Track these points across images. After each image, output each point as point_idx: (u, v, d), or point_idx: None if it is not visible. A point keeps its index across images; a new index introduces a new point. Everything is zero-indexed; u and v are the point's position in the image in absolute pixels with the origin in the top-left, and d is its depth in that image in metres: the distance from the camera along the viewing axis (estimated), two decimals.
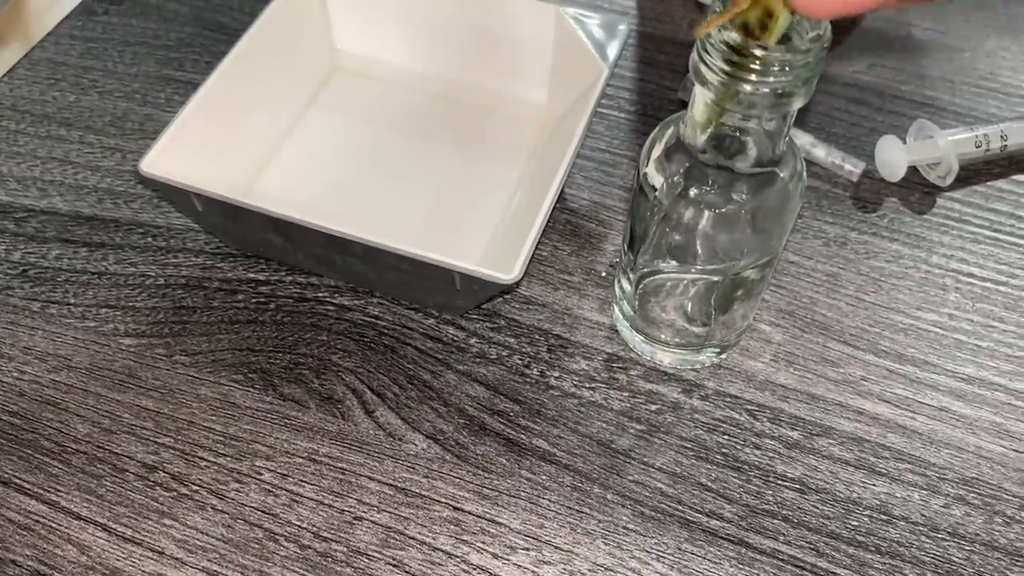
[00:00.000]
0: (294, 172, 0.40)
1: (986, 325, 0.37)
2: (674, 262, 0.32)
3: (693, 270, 0.32)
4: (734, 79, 0.25)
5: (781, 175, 0.29)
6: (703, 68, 0.25)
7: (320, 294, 0.37)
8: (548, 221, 0.39)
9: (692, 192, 0.29)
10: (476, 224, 0.39)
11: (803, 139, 0.41)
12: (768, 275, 0.33)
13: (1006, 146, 0.41)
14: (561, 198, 0.41)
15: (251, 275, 0.38)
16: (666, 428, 0.34)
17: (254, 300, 0.37)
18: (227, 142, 0.38)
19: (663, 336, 0.35)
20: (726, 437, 0.34)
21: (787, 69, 0.25)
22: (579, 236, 0.39)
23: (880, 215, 0.40)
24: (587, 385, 0.35)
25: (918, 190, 0.41)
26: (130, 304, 0.37)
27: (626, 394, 0.35)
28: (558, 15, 0.40)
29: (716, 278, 0.32)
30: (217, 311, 0.37)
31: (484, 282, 0.32)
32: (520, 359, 0.36)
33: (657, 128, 0.31)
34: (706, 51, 0.25)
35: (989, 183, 0.42)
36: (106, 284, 0.38)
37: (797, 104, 0.26)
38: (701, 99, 0.27)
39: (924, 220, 0.40)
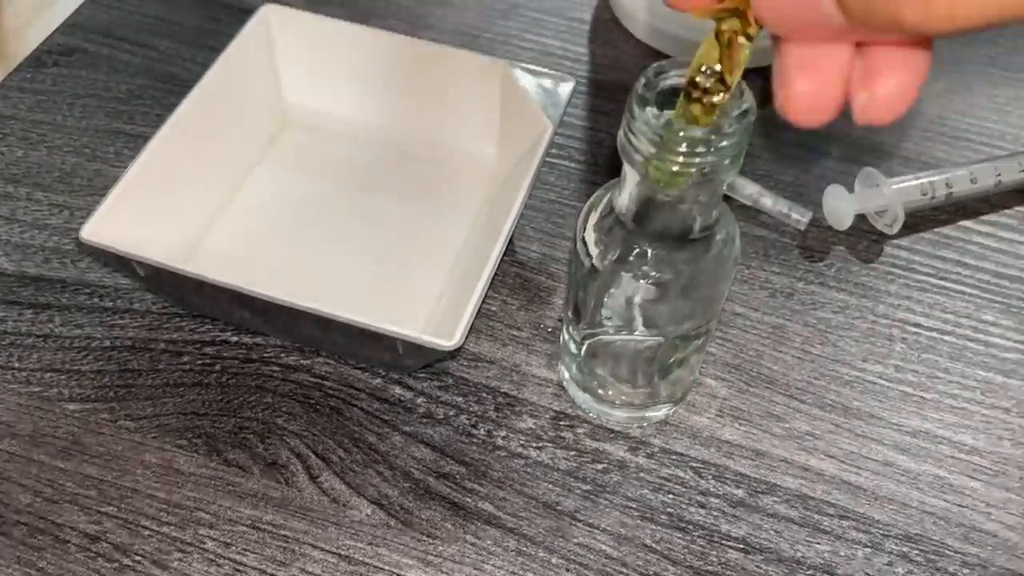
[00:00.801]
0: (242, 229, 0.40)
1: (931, 376, 0.37)
2: (613, 328, 0.32)
3: (633, 334, 0.32)
4: (660, 160, 0.25)
5: (715, 241, 0.29)
6: (629, 148, 0.26)
7: (266, 355, 0.37)
8: (497, 275, 0.39)
9: (627, 262, 0.29)
10: (425, 281, 0.39)
11: (750, 189, 0.42)
12: (710, 335, 0.33)
13: (952, 193, 0.41)
14: (511, 250, 0.41)
15: (197, 336, 0.38)
16: (612, 488, 0.34)
17: (200, 362, 0.37)
18: (173, 201, 0.38)
19: (609, 394, 0.35)
20: (671, 496, 0.34)
21: (713, 149, 0.25)
22: (528, 290, 0.39)
23: (827, 264, 0.41)
24: (534, 444, 0.35)
25: (866, 238, 0.41)
26: (75, 368, 0.37)
27: (572, 453, 0.35)
28: (505, 72, 0.40)
29: (657, 340, 0.32)
30: (163, 374, 0.37)
31: (426, 348, 0.32)
32: (467, 419, 0.36)
33: (594, 195, 0.31)
34: (631, 132, 0.25)
35: (936, 230, 0.42)
36: (51, 347, 0.37)
37: (726, 179, 0.26)
38: (630, 175, 0.27)
39: (871, 269, 0.41)
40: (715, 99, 0.23)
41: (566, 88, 0.39)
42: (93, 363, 0.37)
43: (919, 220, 0.42)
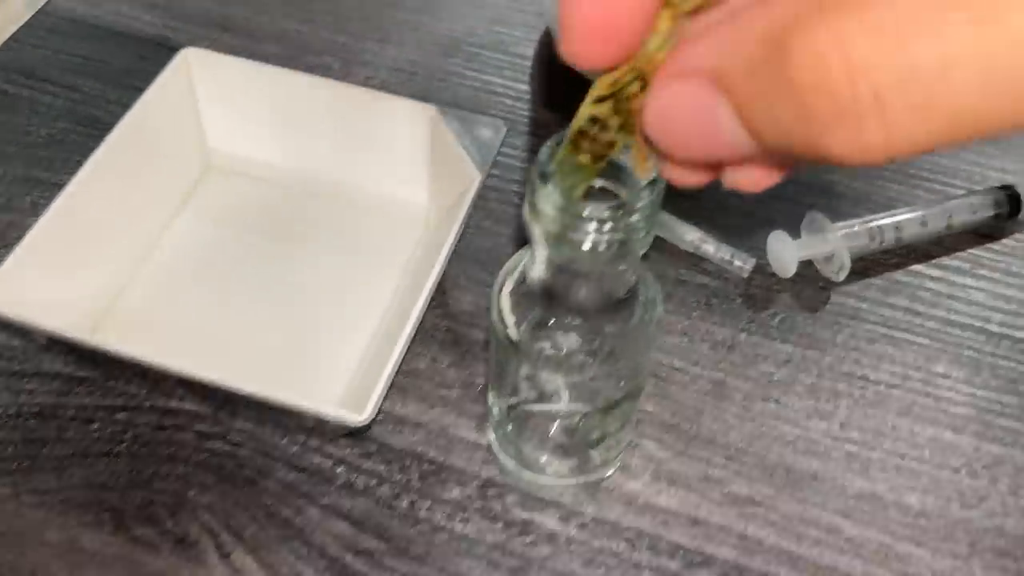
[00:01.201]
0: (161, 284, 0.38)
1: (877, 434, 0.36)
2: (536, 398, 0.30)
3: (557, 406, 0.30)
4: (564, 239, 0.23)
5: (636, 306, 0.28)
6: (534, 225, 0.24)
7: (180, 421, 0.35)
8: (427, 329, 0.38)
9: (544, 333, 0.28)
10: (351, 339, 0.37)
11: (691, 235, 0.40)
12: (637, 402, 0.31)
13: (901, 238, 0.40)
14: (442, 302, 0.39)
15: (108, 401, 0.36)
16: (540, 563, 0.32)
17: (110, 430, 0.35)
18: (85, 257, 0.36)
19: (539, 461, 0.33)
20: (603, 570, 0.32)
21: (623, 224, 0.23)
22: (459, 345, 0.38)
23: (772, 313, 0.39)
24: (459, 516, 0.33)
25: (812, 285, 0.40)
26: None
27: (500, 525, 0.33)
28: (434, 117, 0.38)
29: (584, 410, 0.30)
30: (71, 443, 0.35)
31: (335, 423, 0.30)
32: (389, 489, 0.34)
33: (510, 261, 0.29)
34: (535, 208, 0.24)
35: (886, 275, 0.40)
36: None
37: (641, 250, 0.24)
38: (539, 251, 0.26)
39: (817, 318, 0.39)
40: (607, 140, 0.21)
41: (497, 134, 0.38)
42: None
43: (868, 264, 0.40)
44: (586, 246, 0.23)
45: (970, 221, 0.41)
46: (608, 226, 0.23)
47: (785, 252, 0.39)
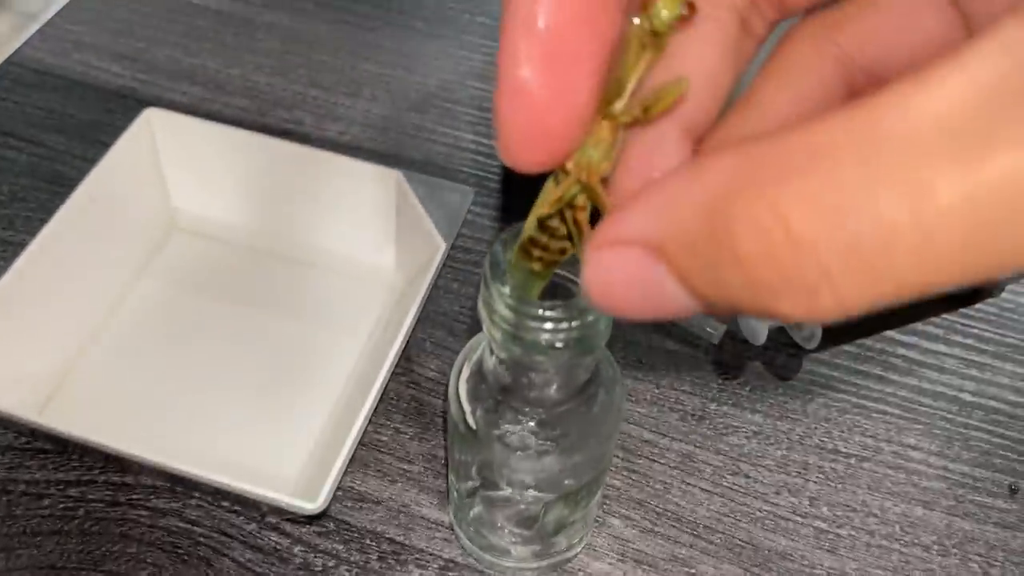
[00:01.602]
0: (116, 356, 0.37)
1: (848, 510, 0.35)
2: (493, 487, 0.29)
3: (515, 494, 0.29)
4: (518, 338, 0.23)
5: (597, 394, 0.27)
6: (488, 322, 0.23)
7: (134, 496, 0.34)
8: (391, 397, 0.37)
9: (502, 425, 0.27)
10: (312, 408, 0.36)
11: None
12: (601, 485, 0.31)
13: None
14: (407, 369, 0.38)
15: (61, 476, 0.35)
16: None
17: (61, 505, 0.34)
18: (37, 330, 0.35)
19: (501, 546, 0.32)
20: None
21: (581, 323, 0.23)
22: (424, 415, 0.37)
23: (742, 382, 0.38)
24: None
25: (784, 351, 0.39)
26: None
27: None
28: (399, 183, 0.38)
29: (546, 498, 0.29)
30: (20, 520, 0.34)
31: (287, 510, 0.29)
32: (348, 570, 0.33)
33: (467, 346, 0.29)
34: (489, 305, 0.23)
35: (858, 341, 0.40)
36: None
37: (597, 345, 0.24)
38: (495, 345, 0.25)
39: (789, 387, 0.38)
40: (558, 248, 0.21)
41: (464, 200, 0.37)
42: None
43: (840, 331, 0.40)
44: (541, 345, 0.23)
45: None
46: (564, 325, 0.22)
47: (755, 323, 0.38)
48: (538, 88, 0.17)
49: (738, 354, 0.39)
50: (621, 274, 0.15)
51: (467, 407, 0.28)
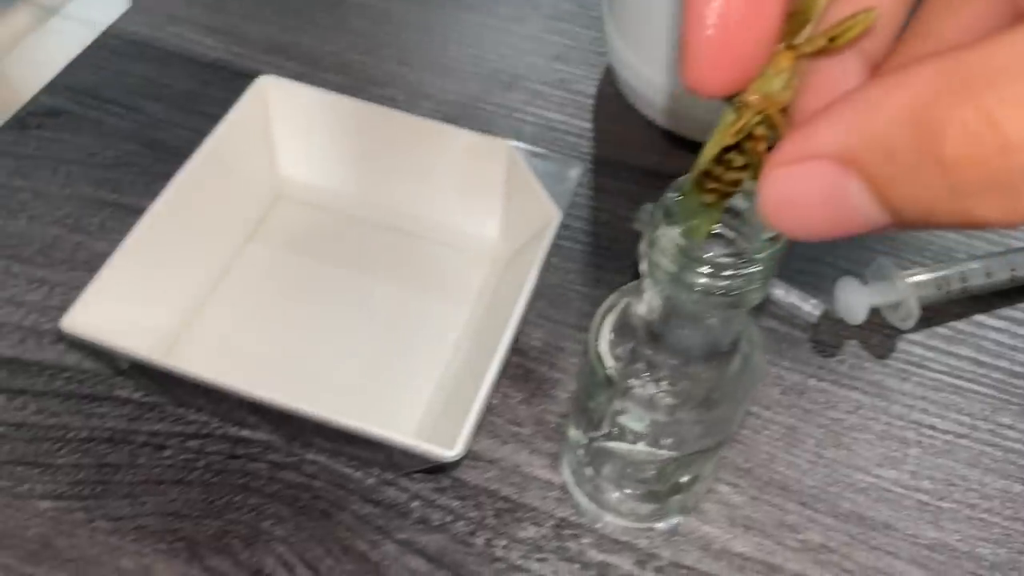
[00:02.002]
0: (230, 313, 0.38)
1: (948, 484, 0.36)
2: (622, 439, 0.30)
3: (644, 448, 0.30)
4: (680, 282, 0.23)
5: (737, 357, 0.28)
6: (651, 264, 0.24)
7: (252, 451, 0.35)
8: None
9: (643, 374, 0.28)
10: (421, 373, 0.37)
11: None
12: (723, 448, 0.31)
13: (966, 288, 0.40)
14: (513, 338, 0.39)
15: (180, 429, 0.36)
16: None
17: (182, 457, 0.35)
18: (160, 284, 0.36)
19: (615, 503, 0.33)
20: None
21: (739, 274, 0.23)
22: (530, 381, 0.38)
23: (840, 360, 0.39)
24: (535, 556, 0.33)
25: (878, 332, 0.40)
26: (49, 461, 0.35)
27: (576, 566, 0.33)
28: (510, 153, 0.38)
29: (669, 456, 0.30)
30: (143, 469, 0.35)
31: (422, 457, 0.30)
32: (465, 525, 0.34)
33: (610, 298, 0.29)
34: (655, 248, 0.24)
35: (950, 324, 0.41)
36: (24, 437, 0.35)
37: (750, 302, 0.25)
38: (651, 290, 0.26)
39: (885, 365, 0.39)
40: (732, 179, 0.21)
41: (574, 173, 0.38)
42: (69, 456, 0.35)
43: (932, 314, 0.41)
44: (700, 289, 0.24)
45: None
46: (727, 272, 0.23)
47: (856, 299, 0.39)
48: (730, 8, 0.18)
49: (835, 333, 0.40)
50: (805, 189, 0.16)
51: (607, 358, 0.28)
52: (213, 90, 0.48)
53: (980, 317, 0.41)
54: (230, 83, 0.48)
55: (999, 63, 0.13)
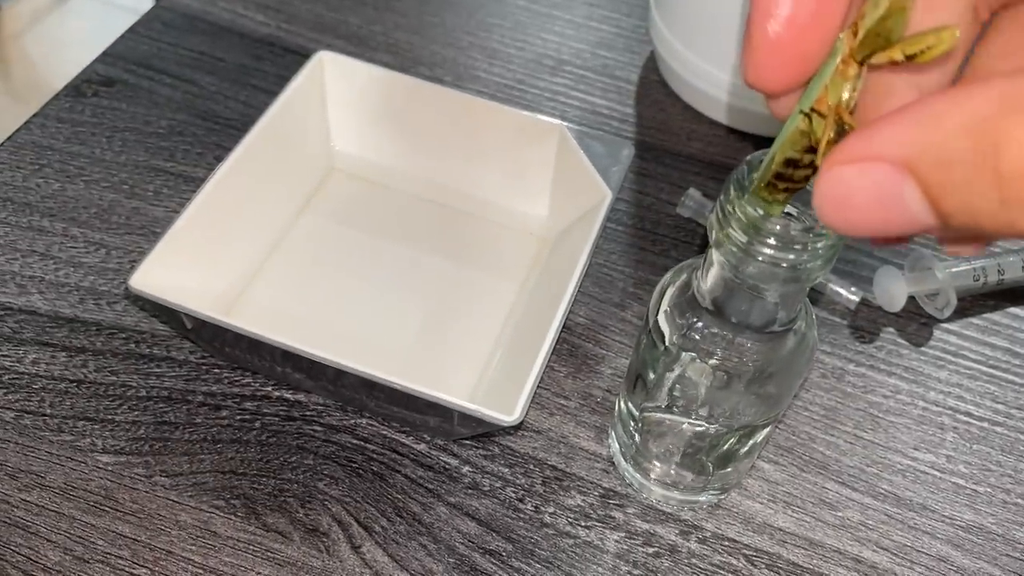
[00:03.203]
0: (285, 280, 0.39)
1: (983, 469, 0.37)
2: (675, 410, 0.31)
3: (694, 419, 0.31)
4: (749, 253, 0.24)
5: (794, 335, 0.29)
6: (721, 236, 0.25)
7: (307, 413, 0.36)
8: None
9: (700, 347, 0.29)
10: (472, 344, 0.38)
11: None
12: (770, 429, 0.32)
13: (1002, 280, 0.41)
14: None
15: (236, 390, 0.37)
16: (663, 574, 0.33)
17: (239, 417, 0.36)
18: (219, 249, 0.37)
19: (660, 474, 0.34)
20: None
21: (807, 247, 0.24)
22: (576, 357, 0.39)
23: (878, 346, 0.40)
24: (582, 523, 0.34)
25: (915, 321, 0.41)
26: (109, 417, 0.36)
27: (622, 534, 0.34)
28: (562, 134, 0.39)
29: (717, 429, 0.31)
30: (200, 428, 0.35)
31: (481, 421, 0.31)
32: (514, 492, 0.35)
33: (670, 273, 0.30)
34: (725, 220, 0.25)
35: (985, 315, 0.42)
36: (85, 394, 0.36)
37: (816, 278, 0.25)
38: (717, 261, 0.27)
39: (921, 353, 0.40)
40: (803, 176, 0.22)
41: (625, 154, 0.39)
42: (128, 413, 0.36)
43: (968, 304, 0.42)
44: (767, 261, 0.24)
45: None
46: (794, 246, 0.24)
47: (896, 287, 0.40)
48: (798, 9, 0.18)
49: (873, 320, 0.41)
50: (861, 188, 0.16)
51: (666, 329, 0.29)
52: (264, 65, 0.49)
53: (1015, 309, 0.42)
54: (280, 59, 0.49)
55: None
